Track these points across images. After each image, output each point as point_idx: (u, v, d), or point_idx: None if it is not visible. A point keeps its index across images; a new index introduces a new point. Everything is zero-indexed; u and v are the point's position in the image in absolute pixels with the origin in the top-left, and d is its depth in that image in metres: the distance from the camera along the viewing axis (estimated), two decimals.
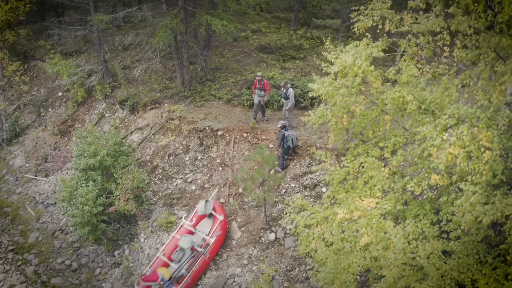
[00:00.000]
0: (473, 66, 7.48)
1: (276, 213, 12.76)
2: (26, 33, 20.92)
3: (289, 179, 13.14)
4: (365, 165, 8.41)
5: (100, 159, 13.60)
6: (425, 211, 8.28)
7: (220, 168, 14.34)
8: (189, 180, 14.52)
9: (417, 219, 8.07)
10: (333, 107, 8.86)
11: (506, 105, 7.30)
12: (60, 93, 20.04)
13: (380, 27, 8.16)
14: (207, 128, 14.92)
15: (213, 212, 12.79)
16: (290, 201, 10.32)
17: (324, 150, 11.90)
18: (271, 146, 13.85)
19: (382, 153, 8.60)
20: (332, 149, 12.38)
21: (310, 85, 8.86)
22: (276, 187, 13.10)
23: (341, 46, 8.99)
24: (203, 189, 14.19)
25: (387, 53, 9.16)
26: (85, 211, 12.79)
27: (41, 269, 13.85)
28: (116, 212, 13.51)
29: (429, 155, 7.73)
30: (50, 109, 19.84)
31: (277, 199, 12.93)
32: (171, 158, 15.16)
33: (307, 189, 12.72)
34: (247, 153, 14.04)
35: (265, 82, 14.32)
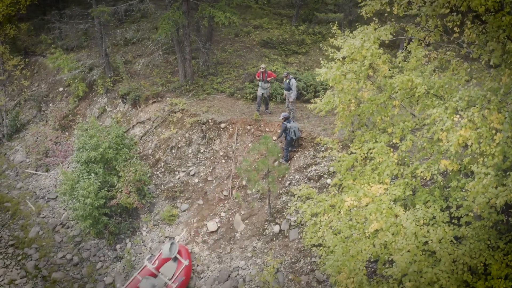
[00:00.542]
0: (484, 45, 7.37)
1: (280, 205, 12.60)
2: (26, 28, 20.78)
3: (293, 171, 12.99)
4: (374, 151, 8.27)
5: (102, 152, 13.45)
6: (434, 197, 8.15)
7: (223, 160, 14.19)
8: (191, 173, 14.36)
9: (427, 205, 7.94)
10: (340, 93, 8.73)
11: None
12: (61, 88, 19.91)
13: (388, 10, 8.05)
14: (210, 120, 14.78)
15: (178, 256, 12.10)
16: (296, 190, 10.17)
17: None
18: (274, 138, 13.70)
19: (390, 139, 8.47)
20: (337, 140, 12.22)
21: (317, 70, 8.73)
22: (280, 178, 12.95)
23: (348, 31, 8.88)
24: (206, 181, 14.03)
25: (393, 41, 9.05)
26: (86, 204, 12.65)
27: (41, 264, 13.67)
28: (118, 205, 13.35)
29: (438, 139, 7.61)
30: (51, 104, 19.69)
31: (281, 191, 12.77)
32: (174, 151, 15.00)
33: (312, 181, 12.56)
34: (250, 145, 13.88)
35: (269, 72, 14.21)
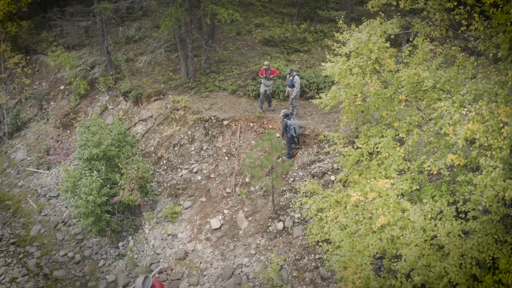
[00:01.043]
0: (490, 39, 7.34)
1: (283, 202, 12.54)
2: (28, 26, 20.70)
3: (296, 168, 12.94)
4: (380, 146, 8.22)
5: (104, 149, 13.37)
6: (441, 192, 8.10)
7: (226, 157, 14.13)
8: (194, 170, 14.30)
9: (434, 199, 7.89)
10: (346, 87, 8.68)
11: None
12: (62, 86, 19.84)
13: (394, 3, 8.01)
14: (213, 118, 14.72)
15: None
16: (301, 185, 10.11)
17: None
18: (277, 135, 13.65)
19: (396, 133, 8.42)
20: (343, 135, 12.17)
21: (323, 65, 8.68)
22: (284, 175, 12.89)
23: (354, 26, 8.84)
24: (209, 179, 13.97)
25: (395, 39, 9.01)
26: (89, 201, 12.56)
27: (43, 262, 13.58)
28: (120, 202, 13.28)
29: (445, 134, 7.56)
30: (52, 103, 19.62)
31: (284, 188, 12.72)
32: (176, 148, 14.94)
33: (315, 178, 12.51)
34: (253, 142, 13.83)
35: (272, 70, 14.18)
